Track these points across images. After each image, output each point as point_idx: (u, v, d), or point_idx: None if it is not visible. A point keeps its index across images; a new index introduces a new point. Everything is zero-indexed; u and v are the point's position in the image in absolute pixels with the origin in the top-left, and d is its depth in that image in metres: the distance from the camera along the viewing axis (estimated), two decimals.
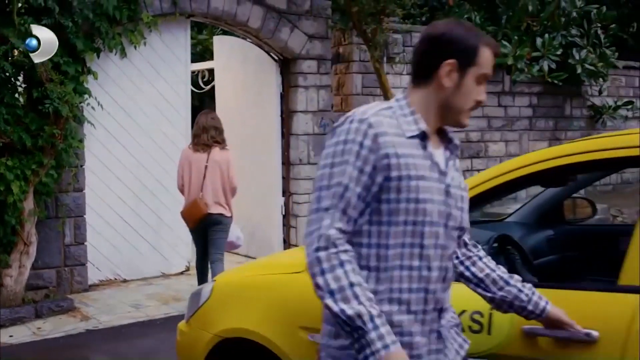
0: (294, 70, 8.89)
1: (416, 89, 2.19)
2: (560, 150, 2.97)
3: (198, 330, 3.77)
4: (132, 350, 5.79)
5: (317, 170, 2.10)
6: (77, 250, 7.44)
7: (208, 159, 6.54)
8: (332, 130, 2.14)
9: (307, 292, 3.21)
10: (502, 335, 2.66)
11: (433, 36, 2.18)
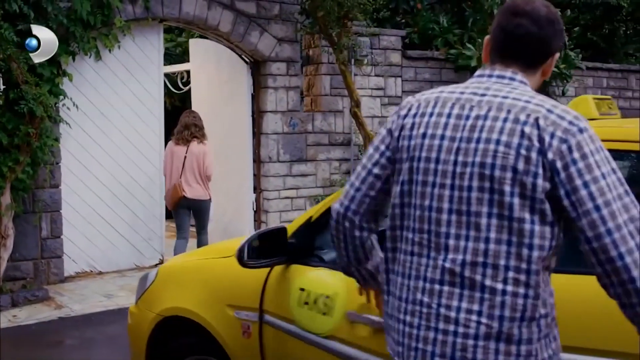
0: (264, 72, 9.31)
1: (530, 75, 2.08)
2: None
3: (144, 310, 4.17)
4: (99, 335, 6.19)
5: (603, 178, 1.88)
6: (53, 243, 7.83)
7: (187, 151, 7.70)
8: (588, 136, 1.92)
9: (233, 274, 3.66)
10: (337, 318, 3.02)
11: (558, 21, 2.08)
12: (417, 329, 2.03)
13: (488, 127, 1.95)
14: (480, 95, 2.02)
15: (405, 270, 2.08)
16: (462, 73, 10.74)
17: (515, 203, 1.90)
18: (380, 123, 10.12)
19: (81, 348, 6.02)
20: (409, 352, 2.04)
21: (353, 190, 2.19)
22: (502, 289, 1.93)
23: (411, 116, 2.09)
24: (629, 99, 13.69)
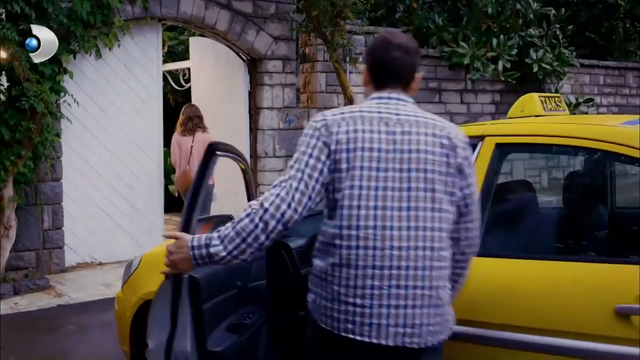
0: (261, 70, 9.58)
1: (408, 93, 2.59)
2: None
3: (129, 294, 4.45)
4: (94, 321, 6.48)
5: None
6: (54, 234, 8.14)
7: (193, 140, 8.42)
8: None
9: None
10: None
11: (418, 49, 2.69)
12: (370, 308, 2.36)
13: (415, 140, 2.44)
14: (396, 115, 2.49)
15: (351, 262, 2.38)
16: (456, 70, 10.97)
17: (443, 198, 2.43)
18: None
19: (77, 333, 6.33)
20: (362, 327, 2.37)
21: (302, 197, 2.38)
22: (437, 265, 2.39)
23: (344, 132, 2.43)
24: (626, 96, 13.87)
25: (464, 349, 2.86)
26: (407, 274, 2.36)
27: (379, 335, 2.35)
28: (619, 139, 2.79)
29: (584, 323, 2.61)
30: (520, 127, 3.23)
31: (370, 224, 2.37)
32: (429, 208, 2.39)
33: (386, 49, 2.56)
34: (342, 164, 2.41)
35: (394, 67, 2.55)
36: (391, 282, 2.35)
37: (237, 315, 3.38)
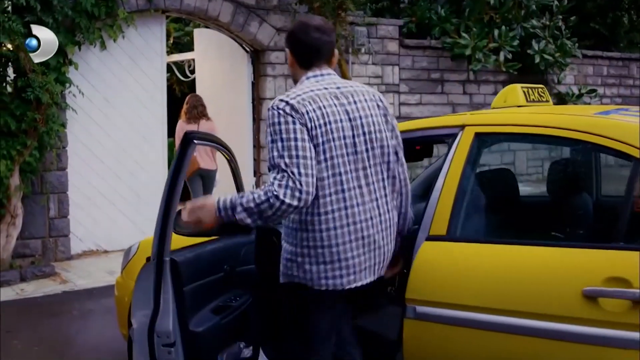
0: (263, 61, 9.70)
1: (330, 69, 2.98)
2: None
3: (127, 280, 4.58)
4: (97, 306, 6.63)
5: None
6: (60, 223, 8.30)
7: (198, 128, 8.56)
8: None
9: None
10: None
11: (333, 29, 3.08)
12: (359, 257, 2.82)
13: (361, 107, 2.86)
14: (337, 88, 2.86)
15: (343, 221, 2.77)
16: (458, 61, 11.05)
17: (390, 151, 2.92)
18: None
19: (80, 318, 6.50)
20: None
21: (309, 178, 2.65)
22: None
23: (312, 111, 2.73)
24: (630, 86, 13.89)
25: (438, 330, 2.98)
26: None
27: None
28: (590, 128, 2.90)
29: (553, 305, 2.72)
30: (498, 117, 3.34)
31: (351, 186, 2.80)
32: (385, 162, 2.90)
33: (306, 32, 2.90)
34: (319, 138, 2.73)
35: (317, 47, 2.90)
36: (379, 229, 2.87)
37: (224, 298, 3.50)
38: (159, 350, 3.12)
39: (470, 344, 2.94)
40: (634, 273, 2.58)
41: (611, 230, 2.78)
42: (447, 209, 3.10)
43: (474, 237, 3.13)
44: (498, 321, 2.83)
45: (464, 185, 3.13)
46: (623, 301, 2.57)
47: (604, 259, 2.69)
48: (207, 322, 3.29)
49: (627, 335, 2.55)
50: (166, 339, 3.10)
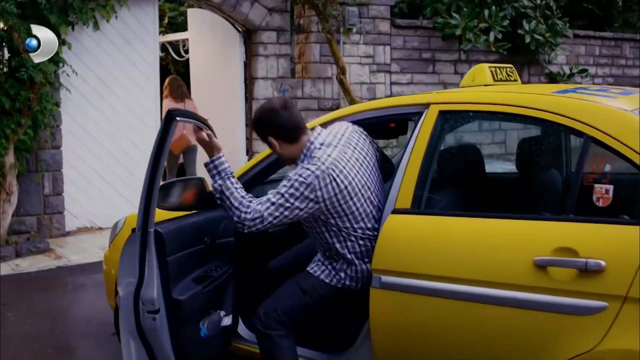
0: (255, 41, 9.82)
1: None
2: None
3: (114, 253, 4.76)
4: (90, 281, 6.80)
5: None
6: (55, 200, 8.47)
7: (184, 106, 8.99)
8: None
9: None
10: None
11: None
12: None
13: (362, 143, 3.49)
14: (342, 136, 3.43)
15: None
16: (449, 41, 11.15)
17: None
18: (368, 90, 10.62)
19: (72, 291, 6.69)
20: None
21: (280, 220, 3.28)
22: None
23: (333, 181, 3.24)
24: (622, 66, 13.97)
25: (402, 298, 3.14)
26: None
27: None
28: (545, 106, 3.04)
29: (507, 274, 2.88)
30: (460, 96, 3.48)
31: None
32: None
33: (278, 114, 3.37)
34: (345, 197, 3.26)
35: (295, 119, 3.38)
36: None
37: (205, 268, 3.67)
38: (143, 317, 3.30)
39: (432, 312, 3.10)
40: (580, 243, 2.73)
41: (563, 204, 2.94)
42: (412, 184, 3.25)
43: (436, 211, 3.28)
44: (457, 290, 2.99)
45: (428, 161, 3.27)
46: (570, 270, 2.72)
47: (553, 231, 2.85)
48: (189, 291, 3.46)
49: (573, 302, 2.71)
50: (151, 306, 3.27)
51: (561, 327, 2.75)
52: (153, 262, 3.27)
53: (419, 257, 3.13)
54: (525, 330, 2.84)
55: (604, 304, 2.65)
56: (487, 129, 11.65)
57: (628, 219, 2.75)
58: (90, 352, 5.01)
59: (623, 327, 2.62)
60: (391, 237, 3.22)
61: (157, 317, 3.30)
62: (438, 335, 3.10)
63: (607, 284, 2.65)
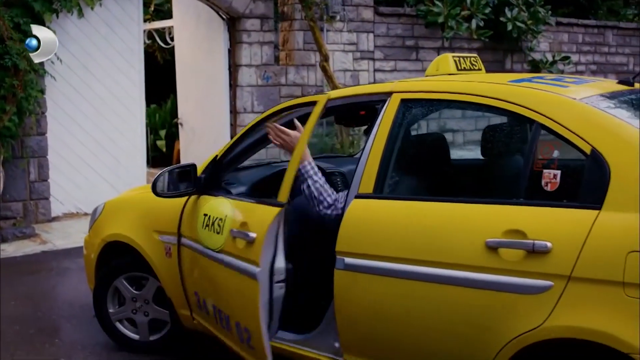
0: (239, 28, 9.92)
1: None
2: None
3: (94, 237, 4.91)
4: (73, 265, 6.93)
5: None
6: (40, 186, 8.59)
7: None
8: None
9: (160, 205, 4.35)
10: (225, 236, 3.74)
11: None
12: None
13: None
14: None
15: None
16: (432, 29, 11.26)
17: None
18: (352, 77, 10.74)
19: (57, 275, 6.83)
20: None
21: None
22: None
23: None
24: (605, 54, 14.11)
25: (364, 280, 3.28)
26: None
27: None
28: (499, 95, 3.17)
29: (462, 255, 3.01)
30: (421, 85, 3.60)
31: None
32: None
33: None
34: None
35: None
36: None
37: None
38: (274, 287, 3.52)
39: (392, 292, 3.23)
40: (529, 226, 2.87)
41: (515, 188, 3.08)
42: (374, 170, 3.38)
43: (397, 195, 3.42)
44: (415, 270, 3.12)
45: (390, 148, 3.40)
46: (519, 251, 2.85)
47: (504, 214, 2.98)
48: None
49: (522, 282, 2.85)
50: (280, 276, 3.52)
51: (511, 305, 2.88)
52: (282, 235, 3.50)
53: (380, 240, 3.26)
54: (477, 309, 2.97)
55: (550, 283, 2.78)
56: (470, 116, 11.77)
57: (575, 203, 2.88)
58: (72, 333, 5.15)
59: (567, 305, 2.75)
60: (354, 220, 3.36)
61: (283, 286, 3.54)
62: (398, 315, 3.23)
63: (553, 264, 2.78)
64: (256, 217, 3.58)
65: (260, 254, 3.44)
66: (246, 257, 3.52)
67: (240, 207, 3.74)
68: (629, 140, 2.82)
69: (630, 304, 2.60)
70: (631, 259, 2.60)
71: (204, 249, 3.90)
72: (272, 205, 3.52)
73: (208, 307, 4.00)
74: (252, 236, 3.49)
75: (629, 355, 2.59)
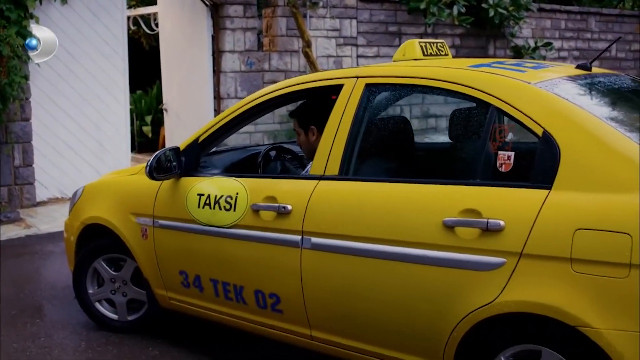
0: (222, 14, 10.00)
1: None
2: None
3: (73, 220, 5.01)
4: (57, 248, 7.02)
5: None
6: (25, 171, 8.67)
7: None
8: None
9: (136, 188, 4.46)
10: (241, 211, 3.85)
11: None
12: None
13: None
14: None
15: None
16: (415, 15, 11.35)
17: None
18: (335, 63, 10.83)
19: (40, 258, 6.93)
20: None
21: None
22: None
23: None
24: (588, 40, 14.23)
25: (329, 258, 3.41)
26: None
27: None
28: (457, 79, 3.30)
29: (421, 234, 3.14)
30: (385, 70, 3.72)
31: None
32: None
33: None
34: None
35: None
36: None
37: None
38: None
39: (356, 270, 3.37)
40: (483, 205, 3.00)
41: (472, 169, 3.20)
42: (339, 152, 3.51)
43: (361, 177, 3.54)
44: (377, 249, 3.25)
45: (355, 131, 3.52)
46: (474, 229, 2.98)
47: (461, 194, 3.11)
48: None
49: (476, 259, 2.98)
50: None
51: (467, 281, 3.02)
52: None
53: (344, 220, 3.39)
54: (435, 285, 3.11)
55: (503, 260, 2.91)
56: (451, 102, 11.83)
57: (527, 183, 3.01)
58: (53, 314, 5.25)
59: (519, 281, 2.89)
60: (320, 201, 3.49)
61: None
62: (362, 292, 3.37)
63: (506, 241, 2.91)
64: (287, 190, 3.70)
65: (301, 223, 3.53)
66: (281, 228, 3.62)
67: (257, 183, 3.87)
68: (579, 123, 2.95)
69: (577, 279, 2.74)
70: (578, 236, 2.73)
71: (205, 227, 3.99)
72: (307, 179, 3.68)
73: (203, 283, 4.10)
74: (288, 208, 3.58)
75: (575, 328, 2.74)
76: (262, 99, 4.04)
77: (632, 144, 2.82)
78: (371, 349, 3.42)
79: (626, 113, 3.34)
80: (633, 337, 2.63)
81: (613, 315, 2.67)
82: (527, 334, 2.94)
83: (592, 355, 2.72)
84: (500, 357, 3.00)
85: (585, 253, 2.72)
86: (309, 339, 3.67)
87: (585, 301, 2.72)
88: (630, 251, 2.62)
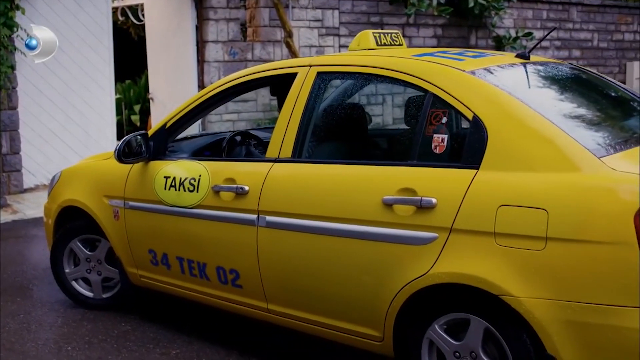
0: (206, 5, 10.22)
1: None
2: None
3: (51, 203, 5.26)
4: (41, 232, 7.18)
5: None
6: (12, 159, 8.90)
7: None
8: None
9: (109, 172, 4.70)
10: (203, 192, 4.10)
11: None
12: None
13: None
14: None
15: None
16: (396, 5, 11.56)
17: None
18: (317, 52, 11.03)
19: (24, 242, 7.17)
20: None
21: None
22: None
23: None
24: (570, 30, 14.44)
25: (282, 235, 3.66)
26: None
27: None
28: (399, 67, 3.54)
29: (363, 212, 3.38)
30: (335, 59, 3.97)
31: None
32: None
33: None
34: None
35: None
36: None
37: None
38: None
39: (305, 246, 3.62)
40: (418, 184, 3.24)
41: (411, 152, 3.44)
42: (292, 136, 3.75)
43: (311, 159, 3.78)
44: (323, 226, 3.50)
45: (307, 116, 3.77)
46: (410, 207, 3.23)
47: (400, 174, 3.35)
48: None
49: (411, 234, 3.22)
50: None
51: (403, 255, 3.26)
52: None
53: (295, 199, 3.64)
54: (375, 259, 3.36)
55: (435, 235, 3.16)
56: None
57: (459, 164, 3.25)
58: (33, 293, 5.49)
59: (449, 254, 3.13)
60: (274, 182, 3.74)
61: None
62: (310, 267, 3.62)
63: (437, 218, 3.16)
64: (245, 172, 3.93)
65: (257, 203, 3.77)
66: (239, 208, 3.86)
67: (218, 166, 4.10)
68: (505, 108, 3.19)
69: (500, 252, 2.99)
70: (501, 212, 2.98)
71: (171, 208, 4.23)
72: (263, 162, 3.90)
73: (170, 261, 4.35)
74: (245, 189, 3.83)
75: (498, 297, 2.99)
76: (223, 87, 4.28)
77: (553, 127, 3.06)
78: (321, 319, 3.67)
79: (554, 99, 3.58)
80: (549, 304, 2.87)
81: (532, 285, 2.91)
82: (458, 304, 3.18)
83: (513, 321, 2.97)
84: (434, 325, 3.25)
85: (507, 227, 2.96)
86: (266, 312, 3.93)
87: (508, 272, 2.96)
88: (547, 225, 2.86)
